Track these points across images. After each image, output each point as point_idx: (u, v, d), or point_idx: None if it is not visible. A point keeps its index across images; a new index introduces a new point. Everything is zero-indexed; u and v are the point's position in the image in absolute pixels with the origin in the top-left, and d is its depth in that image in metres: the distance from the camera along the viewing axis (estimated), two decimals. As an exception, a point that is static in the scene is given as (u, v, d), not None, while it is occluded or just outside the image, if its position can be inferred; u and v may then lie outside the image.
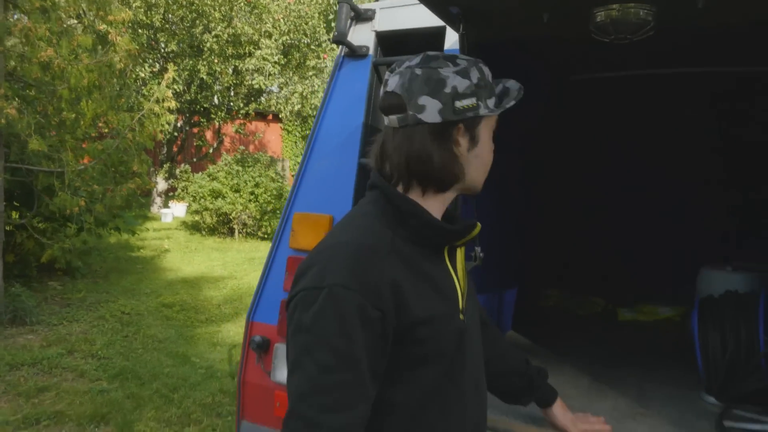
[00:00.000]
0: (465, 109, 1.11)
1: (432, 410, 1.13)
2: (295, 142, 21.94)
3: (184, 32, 10.73)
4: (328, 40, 9.34)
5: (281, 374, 2.02)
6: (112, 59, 5.95)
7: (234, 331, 5.97)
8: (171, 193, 12.04)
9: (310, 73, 9.60)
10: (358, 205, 1.23)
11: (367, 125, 1.95)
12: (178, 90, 10.42)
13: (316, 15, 9.45)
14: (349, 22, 1.97)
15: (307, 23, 9.63)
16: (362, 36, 2.03)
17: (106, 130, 7.66)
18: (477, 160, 1.16)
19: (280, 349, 2.03)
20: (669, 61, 2.36)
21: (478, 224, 1.17)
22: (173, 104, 7.25)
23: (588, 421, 1.64)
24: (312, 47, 9.81)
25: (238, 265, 9.26)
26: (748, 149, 2.85)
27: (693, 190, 3.10)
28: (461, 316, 1.17)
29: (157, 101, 7.17)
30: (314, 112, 10.74)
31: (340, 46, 2.04)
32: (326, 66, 9.89)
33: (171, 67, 7.12)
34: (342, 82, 2.05)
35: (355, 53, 2.03)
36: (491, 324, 1.54)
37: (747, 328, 1.78)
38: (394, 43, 2.02)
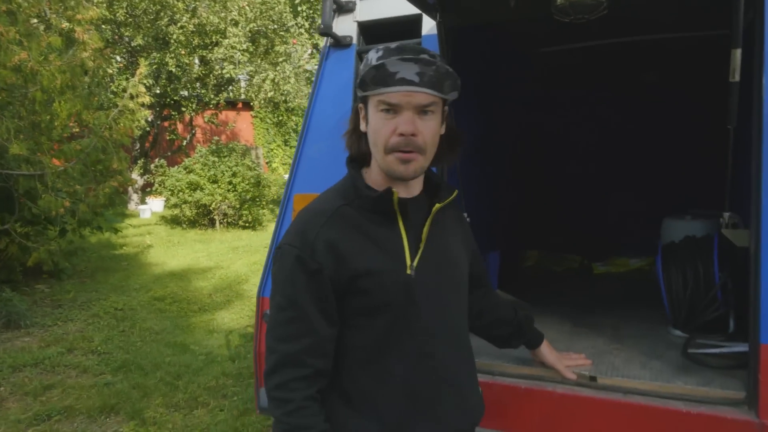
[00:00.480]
0: (361, 88, 1.27)
1: (387, 353, 1.31)
2: (267, 129, 21.86)
3: (148, 25, 10.63)
4: (296, 24, 9.37)
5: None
6: (83, 59, 5.95)
7: (228, 318, 6.13)
8: (148, 189, 12.00)
9: (281, 59, 9.64)
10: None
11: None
12: (147, 84, 10.35)
13: (282, 0, 9.45)
14: (332, 14, 2.13)
15: (273, 8, 9.63)
16: (345, 26, 2.20)
17: (77, 130, 7.63)
18: (370, 137, 1.31)
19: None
20: (623, 31, 2.56)
21: (395, 192, 1.28)
22: (147, 99, 7.27)
23: (571, 357, 1.87)
24: (280, 33, 9.81)
25: (223, 255, 9.37)
26: (701, 112, 3.08)
27: (653, 154, 3.36)
28: (408, 271, 1.31)
29: (131, 97, 7.19)
30: (285, 99, 10.78)
31: (326, 38, 2.20)
32: (296, 51, 9.93)
33: (142, 62, 7.13)
34: (329, 71, 2.22)
35: (339, 43, 2.19)
36: (485, 281, 1.72)
37: (704, 266, 2.03)
38: (375, 31, 2.19)
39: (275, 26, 10.10)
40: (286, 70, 9.39)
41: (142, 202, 13.24)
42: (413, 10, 2.04)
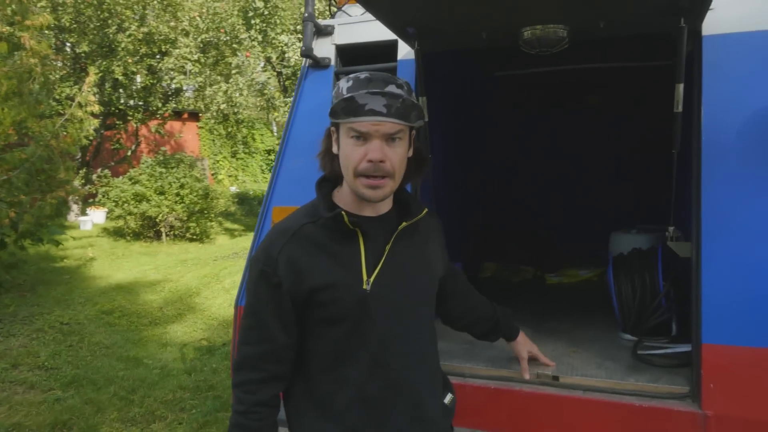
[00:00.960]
0: (333, 116, 1.36)
1: (342, 362, 1.41)
2: (213, 141, 21.54)
3: (94, 32, 10.38)
4: (249, 37, 9.37)
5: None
6: (32, 65, 5.80)
7: (181, 331, 6.04)
8: (90, 200, 11.62)
9: (233, 71, 9.61)
10: None
11: (333, 127, 2.25)
12: (92, 92, 10.08)
13: (235, 12, 9.44)
14: (313, 37, 2.25)
15: (226, 20, 9.61)
16: (324, 49, 2.32)
17: (15, 138, 7.37)
18: (341, 160, 1.39)
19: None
20: (577, 60, 2.80)
21: (344, 215, 1.36)
22: (96, 108, 7.12)
23: (540, 358, 2.03)
24: (233, 45, 9.79)
25: (170, 268, 9.18)
26: (644, 138, 3.37)
27: (601, 174, 3.65)
28: (364, 286, 1.38)
29: (80, 105, 7.03)
30: (236, 111, 10.72)
31: (305, 58, 2.31)
32: (249, 65, 9.92)
33: (92, 70, 6.98)
34: (308, 90, 2.33)
35: (318, 64, 2.31)
36: (465, 286, 1.84)
37: (650, 275, 2.25)
38: (352, 54, 2.32)
39: (227, 38, 10.06)
40: (239, 82, 9.37)
41: (83, 213, 12.79)
42: (389, 35, 2.18)
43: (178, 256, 10.21)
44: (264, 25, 9.54)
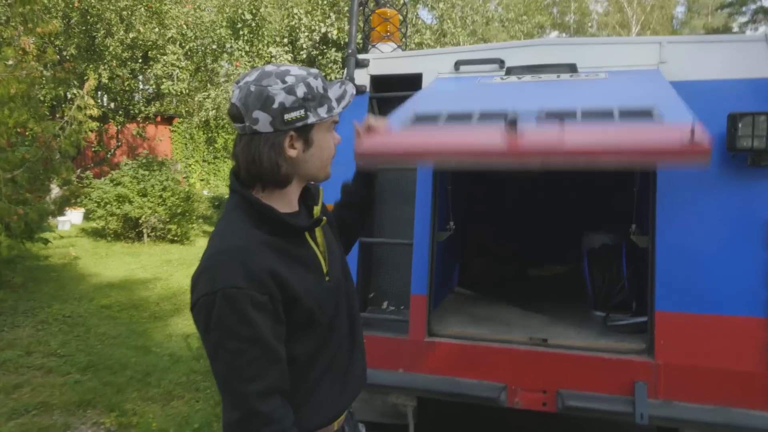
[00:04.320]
0: (293, 120, 1.31)
1: (321, 355, 1.42)
2: (186, 144, 21.68)
3: (81, 36, 10.63)
4: (237, 48, 9.80)
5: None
6: (44, 72, 6.14)
7: (182, 324, 6.42)
8: (73, 201, 11.76)
9: (222, 80, 10.01)
10: (225, 210, 1.42)
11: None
12: (77, 95, 10.31)
13: (224, 24, 9.86)
14: (354, 68, 2.79)
15: (214, 31, 10.01)
16: (361, 78, 2.86)
17: (14, 140, 7.62)
18: (314, 158, 1.38)
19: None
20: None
21: (318, 215, 1.43)
22: (95, 111, 7.45)
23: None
24: (225, 54, 10.18)
25: (157, 268, 9.47)
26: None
27: (571, 190, 4.31)
28: (326, 278, 1.43)
29: (79, 108, 7.35)
30: (222, 117, 11.10)
31: (345, 85, 2.86)
32: (239, 73, 10.33)
33: (91, 74, 7.31)
34: (347, 112, 2.86)
35: (357, 91, 2.85)
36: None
37: (616, 265, 2.87)
38: (383, 83, 2.86)
39: (215, 46, 10.46)
40: (229, 90, 9.76)
41: (60, 213, 12.87)
42: (415, 69, 2.76)
43: (162, 257, 10.49)
44: (251, 36, 9.98)
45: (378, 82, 2.85)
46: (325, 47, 10.35)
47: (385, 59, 2.88)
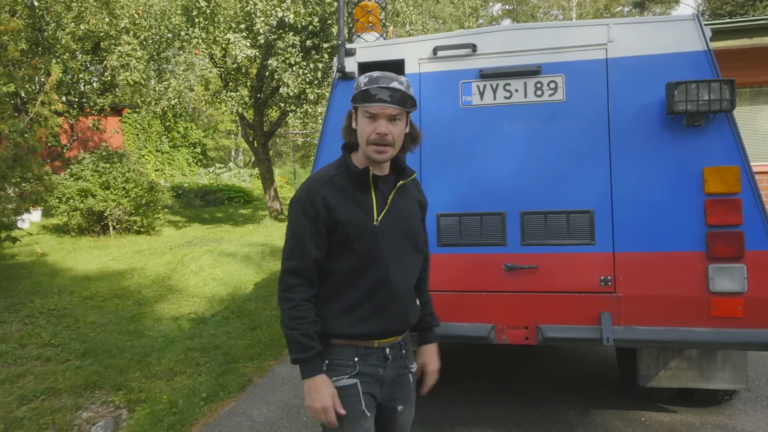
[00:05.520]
0: (353, 101, 1.85)
1: (357, 275, 1.88)
2: (137, 135, 21.35)
3: (29, 30, 10.42)
4: (196, 37, 9.82)
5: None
6: (11, 71, 6.17)
7: (168, 308, 6.64)
8: (43, 197, 11.60)
9: (182, 68, 10.02)
10: None
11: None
12: (31, 90, 10.16)
13: (179, 12, 9.85)
14: (344, 57, 3.12)
15: (169, 19, 9.98)
16: (350, 65, 3.19)
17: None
18: (358, 133, 1.86)
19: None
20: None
21: (371, 170, 1.86)
22: (60, 107, 7.46)
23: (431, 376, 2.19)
24: (180, 42, 10.16)
25: (130, 258, 9.54)
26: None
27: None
28: (375, 222, 1.87)
29: (42, 104, 7.36)
30: (184, 106, 11.12)
31: (336, 72, 3.18)
32: (199, 62, 10.37)
33: (55, 69, 7.31)
34: (339, 95, 3.19)
35: (346, 77, 3.18)
36: (425, 269, 2.17)
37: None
38: (370, 69, 3.19)
39: (170, 35, 10.44)
40: (190, 79, 9.81)
41: (27, 211, 12.65)
42: (398, 55, 3.11)
43: (131, 248, 10.54)
44: (207, 23, 10.02)
45: (365, 68, 3.18)
46: (282, 32, 10.49)
47: (371, 48, 3.21)
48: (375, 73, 1.85)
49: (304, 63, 10.29)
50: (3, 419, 4.03)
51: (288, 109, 10.89)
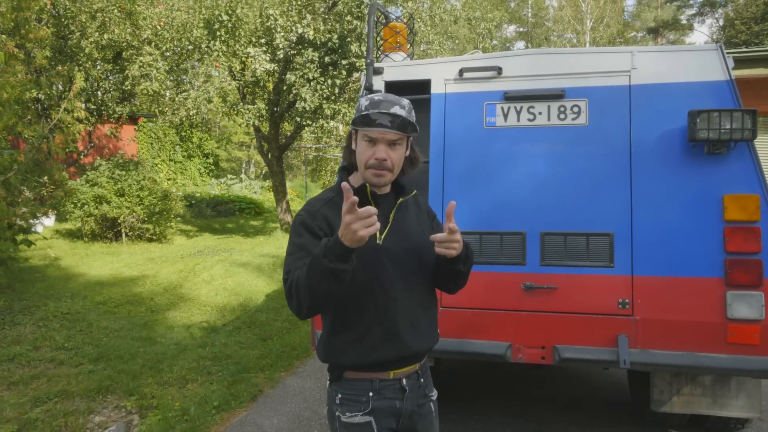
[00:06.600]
0: (354, 124, 1.82)
1: (363, 296, 1.83)
2: (152, 144, 21.58)
3: (54, 38, 10.64)
4: (216, 49, 9.99)
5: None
6: (39, 78, 6.30)
7: (180, 316, 6.69)
8: (63, 202, 11.76)
9: (201, 80, 10.18)
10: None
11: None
12: (53, 95, 10.36)
13: (201, 25, 10.03)
14: (372, 76, 3.19)
15: (189, 31, 10.17)
16: (378, 83, 3.27)
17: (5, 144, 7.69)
18: (357, 156, 1.84)
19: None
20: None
21: (368, 186, 1.83)
22: (83, 114, 7.60)
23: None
24: (200, 54, 10.33)
25: (142, 265, 9.63)
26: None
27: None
28: (378, 240, 1.83)
29: (66, 111, 7.50)
30: (202, 117, 11.27)
31: (363, 90, 3.25)
32: (219, 75, 10.53)
33: (78, 77, 7.45)
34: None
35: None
36: None
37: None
38: (397, 87, 3.27)
39: (190, 47, 10.63)
40: (210, 90, 9.96)
41: (46, 215, 12.82)
42: (425, 75, 3.18)
43: (143, 255, 10.62)
44: (228, 36, 10.19)
45: (392, 87, 3.26)
46: (301, 47, 10.64)
47: (398, 67, 3.29)
48: (376, 96, 1.81)
49: (322, 78, 10.43)
50: (17, 420, 4.08)
51: (304, 123, 11.01)
